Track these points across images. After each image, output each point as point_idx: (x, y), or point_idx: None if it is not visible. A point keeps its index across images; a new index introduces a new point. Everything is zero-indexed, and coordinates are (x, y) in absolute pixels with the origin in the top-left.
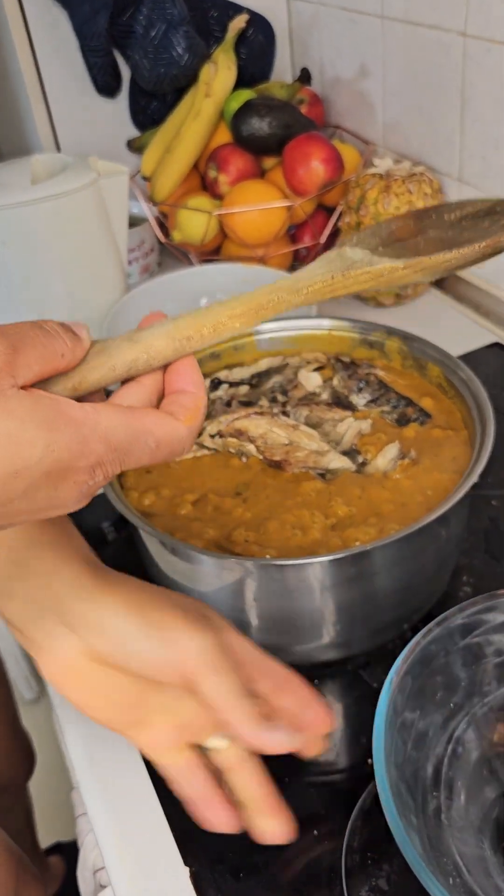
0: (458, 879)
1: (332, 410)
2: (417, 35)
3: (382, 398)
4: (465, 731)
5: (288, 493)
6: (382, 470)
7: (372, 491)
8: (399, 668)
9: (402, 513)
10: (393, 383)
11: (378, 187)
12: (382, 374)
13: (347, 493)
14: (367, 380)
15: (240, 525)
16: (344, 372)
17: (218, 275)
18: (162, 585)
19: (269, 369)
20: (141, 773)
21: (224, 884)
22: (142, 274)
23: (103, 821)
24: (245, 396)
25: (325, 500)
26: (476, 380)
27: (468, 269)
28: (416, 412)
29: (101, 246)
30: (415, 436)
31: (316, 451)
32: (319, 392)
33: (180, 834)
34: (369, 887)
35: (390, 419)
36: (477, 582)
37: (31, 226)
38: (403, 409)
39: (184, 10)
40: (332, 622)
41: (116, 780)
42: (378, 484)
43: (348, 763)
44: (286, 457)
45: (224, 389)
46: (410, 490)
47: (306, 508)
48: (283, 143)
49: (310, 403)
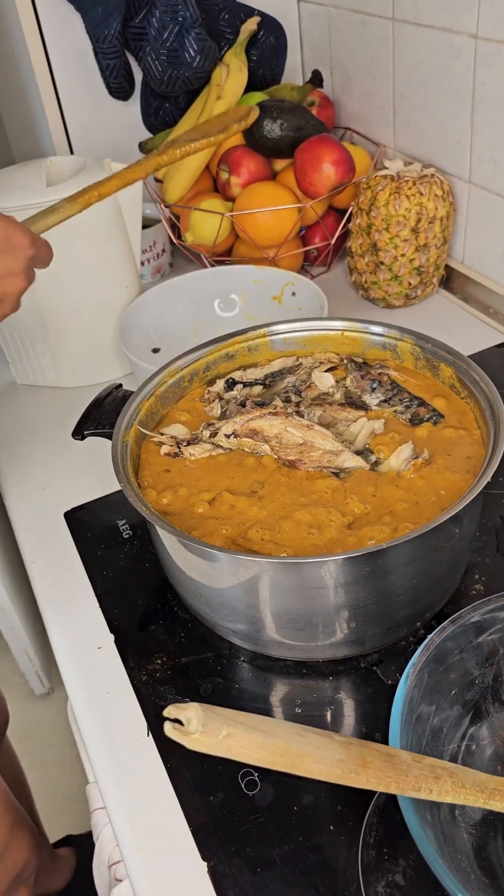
0: (473, 876)
1: (345, 410)
2: (428, 37)
3: (395, 398)
4: (479, 727)
5: (303, 492)
6: (396, 470)
7: (386, 490)
8: (415, 665)
9: (416, 511)
10: (405, 383)
11: (389, 189)
12: (395, 374)
13: (362, 491)
14: (379, 380)
15: (255, 523)
16: (357, 372)
17: (230, 276)
18: (178, 583)
19: (282, 370)
20: (158, 767)
21: (241, 878)
22: (154, 275)
23: (121, 815)
24: (259, 397)
25: (340, 497)
26: (488, 379)
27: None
28: (429, 412)
29: (116, 247)
30: (428, 435)
31: (330, 451)
32: (332, 392)
33: (197, 829)
34: (386, 882)
35: (403, 419)
36: (489, 580)
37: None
38: (416, 408)
39: (196, 12)
40: (347, 620)
41: (134, 775)
42: (392, 483)
43: None
44: (300, 456)
45: (238, 390)
46: (424, 489)
47: (322, 506)
48: (294, 145)
49: (323, 403)
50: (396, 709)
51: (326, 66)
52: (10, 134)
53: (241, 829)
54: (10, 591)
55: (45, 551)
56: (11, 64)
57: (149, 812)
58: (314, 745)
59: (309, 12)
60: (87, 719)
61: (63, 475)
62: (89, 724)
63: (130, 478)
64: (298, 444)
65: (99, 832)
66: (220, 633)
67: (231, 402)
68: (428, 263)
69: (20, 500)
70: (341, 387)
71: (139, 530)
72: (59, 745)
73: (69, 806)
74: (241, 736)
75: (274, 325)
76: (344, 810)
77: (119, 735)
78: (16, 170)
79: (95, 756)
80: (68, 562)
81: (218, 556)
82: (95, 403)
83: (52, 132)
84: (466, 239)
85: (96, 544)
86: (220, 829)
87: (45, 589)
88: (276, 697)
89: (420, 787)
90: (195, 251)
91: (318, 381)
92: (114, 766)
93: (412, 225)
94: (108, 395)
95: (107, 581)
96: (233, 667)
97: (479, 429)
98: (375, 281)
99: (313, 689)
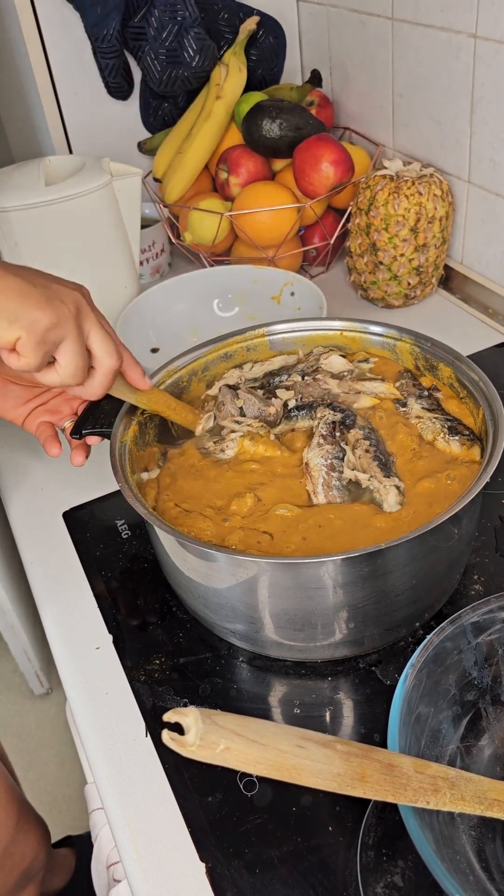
0: (472, 877)
1: (361, 384)
2: (427, 37)
3: (438, 411)
4: (478, 728)
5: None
6: (387, 510)
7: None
8: (414, 665)
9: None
10: (447, 407)
11: (388, 189)
12: (440, 396)
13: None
14: (430, 392)
15: (256, 523)
16: (411, 381)
17: (229, 276)
18: (177, 583)
19: (281, 368)
20: (157, 768)
21: (240, 879)
22: (153, 274)
23: (119, 816)
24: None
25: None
26: (487, 379)
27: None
28: (468, 433)
29: (114, 247)
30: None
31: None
32: (344, 376)
33: (196, 829)
34: (384, 883)
35: (442, 427)
36: (488, 580)
37: (44, 227)
38: (457, 424)
39: (195, 12)
40: (345, 620)
41: (132, 776)
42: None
43: None
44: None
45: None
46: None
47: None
48: (293, 144)
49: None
50: (395, 709)
51: (325, 66)
52: (9, 133)
53: (240, 830)
54: (9, 591)
55: (43, 551)
56: (10, 63)
57: (147, 813)
58: (313, 759)
59: (308, 12)
60: (86, 719)
61: (62, 475)
62: (88, 724)
63: (129, 478)
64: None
65: (97, 833)
66: (218, 634)
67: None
68: (427, 263)
69: (19, 500)
70: (355, 374)
71: (138, 530)
72: (58, 745)
73: (68, 806)
74: (238, 750)
75: (273, 325)
76: (343, 811)
77: (117, 735)
78: (15, 169)
79: (94, 756)
80: (67, 562)
81: (216, 557)
82: (94, 403)
83: (51, 132)
84: (465, 239)
85: (95, 544)
86: (219, 829)
87: (43, 589)
88: (275, 698)
89: (418, 799)
90: (194, 251)
91: (326, 366)
92: (112, 767)
93: (411, 225)
94: (107, 394)
95: (105, 581)
96: (231, 667)
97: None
98: (374, 281)
99: (312, 689)
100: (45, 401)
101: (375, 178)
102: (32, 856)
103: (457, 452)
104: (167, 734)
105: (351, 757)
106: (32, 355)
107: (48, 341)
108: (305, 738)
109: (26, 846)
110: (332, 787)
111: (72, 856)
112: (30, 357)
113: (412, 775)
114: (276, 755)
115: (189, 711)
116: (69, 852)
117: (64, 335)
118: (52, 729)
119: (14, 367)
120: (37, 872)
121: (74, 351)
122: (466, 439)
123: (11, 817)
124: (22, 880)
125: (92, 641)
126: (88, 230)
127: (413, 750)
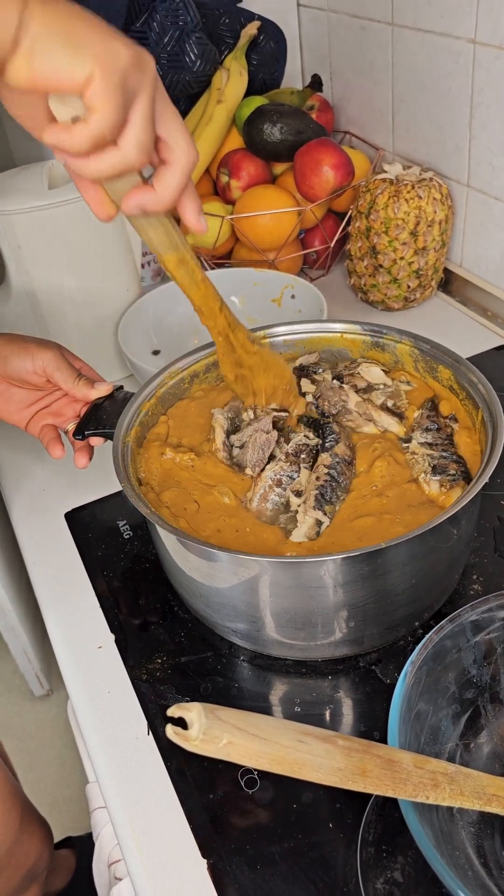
0: (471, 872)
1: (378, 413)
2: (427, 42)
3: (440, 447)
4: (477, 725)
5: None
6: (293, 539)
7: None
8: (413, 663)
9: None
10: (457, 440)
11: (388, 192)
12: (455, 426)
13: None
14: (440, 426)
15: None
16: (429, 410)
17: (230, 278)
18: (178, 583)
19: (318, 362)
20: (159, 766)
21: (241, 876)
22: (154, 277)
23: (121, 813)
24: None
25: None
26: (486, 381)
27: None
28: (458, 472)
29: (116, 250)
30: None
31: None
32: (380, 388)
33: (197, 826)
34: (384, 879)
35: (429, 463)
36: (487, 580)
37: (47, 230)
38: (449, 462)
39: (196, 17)
40: (346, 619)
41: (134, 774)
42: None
43: None
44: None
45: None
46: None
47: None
48: (294, 148)
49: (365, 397)
50: (395, 707)
51: (326, 71)
52: (12, 137)
53: (241, 827)
54: (10, 592)
55: (46, 552)
56: None
57: (149, 810)
58: (314, 754)
59: (309, 17)
60: (88, 718)
61: (64, 476)
62: (90, 723)
63: (131, 478)
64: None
65: (99, 831)
66: (219, 633)
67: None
68: (426, 266)
69: (21, 501)
70: (390, 391)
71: (140, 530)
72: (58, 747)
73: (68, 807)
74: (241, 745)
75: (273, 328)
76: (343, 808)
77: (119, 734)
78: (18, 172)
79: (96, 755)
80: (69, 562)
81: (218, 556)
82: (96, 405)
83: None
84: (465, 242)
85: (97, 544)
86: (220, 826)
87: (45, 589)
88: (276, 696)
89: (417, 794)
90: (195, 254)
91: (365, 374)
92: (114, 765)
93: (411, 228)
94: (109, 396)
95: (107, 581)
96: (232, 666)
97: (476, 430)
98: (374, 284)
99: (312, 688)
100: (48, 404)
101: (375, 182)
102: (36, 856)
103: (433, 494)
104: (171, 728)
105: (351, 752)
106: (109, 103)
107: (127, 88)
108: (306, 732)
109: (30, 847)
110: (333, 782)
111: (72, 856)
112: (106, 107)
113: (412, 770)
114: (278, 750)
115: (192, 706)
116: (70, 853)
117: (141, 85)
118: (52, 730)
119: (74, 139)
120: (40, 873)
121: (147, 115)
122: (448, 480)
123: (15, 818)
124: (25, 880)
125: (94, 641)
126: (91, 233)
127: (413, 747)
